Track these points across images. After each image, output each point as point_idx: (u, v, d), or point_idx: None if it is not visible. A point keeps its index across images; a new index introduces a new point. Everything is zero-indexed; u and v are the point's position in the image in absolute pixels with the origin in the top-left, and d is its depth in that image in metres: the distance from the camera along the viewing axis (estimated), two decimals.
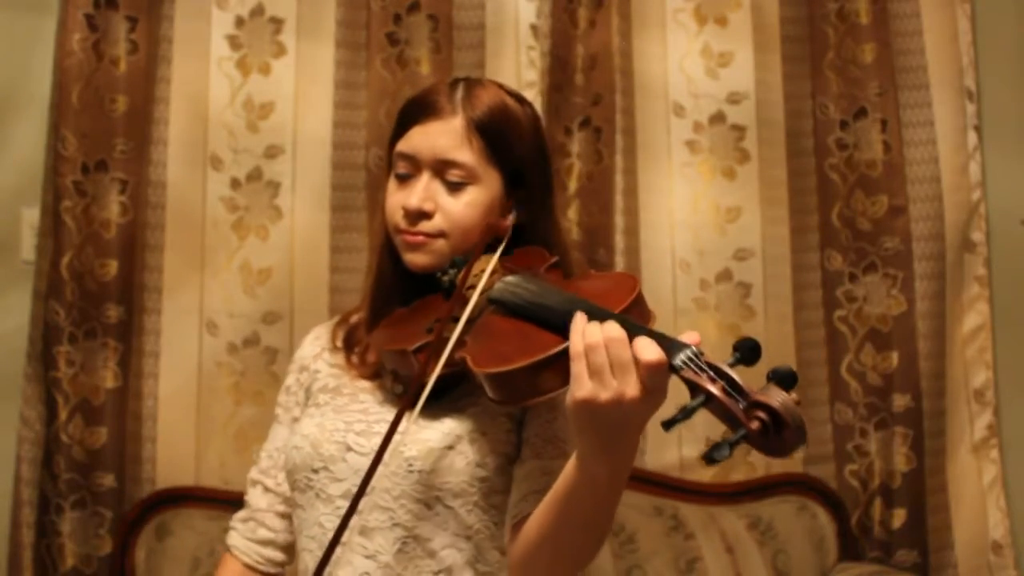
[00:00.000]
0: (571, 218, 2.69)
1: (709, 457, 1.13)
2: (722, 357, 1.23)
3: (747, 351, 1.20)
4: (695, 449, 2.72)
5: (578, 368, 1.23)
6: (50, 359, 2.48)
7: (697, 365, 1.20)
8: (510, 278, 1.48)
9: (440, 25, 2.71)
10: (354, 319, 1.72)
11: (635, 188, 2.76)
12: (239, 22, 2.64)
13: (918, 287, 2.78)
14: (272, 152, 2.63)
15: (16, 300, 2.56)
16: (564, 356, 1.26)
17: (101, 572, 2.48)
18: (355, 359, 1.66)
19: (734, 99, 2.79)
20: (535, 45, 2.70)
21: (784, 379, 1.16)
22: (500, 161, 1.58)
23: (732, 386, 1.18)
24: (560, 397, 1.50)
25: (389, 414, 1.52)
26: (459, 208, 1.56)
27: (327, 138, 2.65)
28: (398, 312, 1.62)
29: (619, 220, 2.73)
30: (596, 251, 2.70)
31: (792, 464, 2.77)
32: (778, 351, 2.76)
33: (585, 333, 1.24)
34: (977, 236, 2.81)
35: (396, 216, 1.58)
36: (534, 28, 2.70)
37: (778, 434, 1.14)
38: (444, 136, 1.56)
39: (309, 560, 1.56)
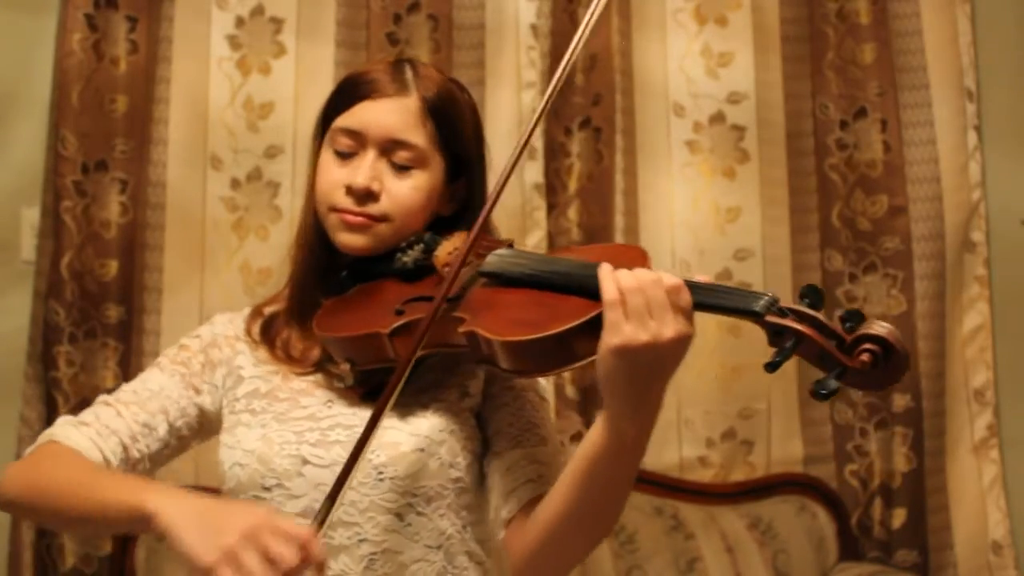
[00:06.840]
0: (571, 218, 2.69)
1: (818, 392, 1.16)
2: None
3: (814, 295, 1.22)
4: (695, 449, 2.72)
5: (614, 315, 1.21)
6: (50, 359, 2.48)
7: (780, 310, 1.21)
8: (503, 251, 1.41)
9: (440, 25, 2.71)
10: (268, 311, 1.57)
11: (635, 188, 2.76)
12: (239, 22, 2.64)
13: (918, 287, 2.78)
14: (272, 152, 2.63)
15: (16, 300, 2.56)
16: (600, 318, 1.24)
17: (101, 572, 2.48)
18: (280, 353, 1.52)
19: (734, 99, 2.79)
20: (535, 45, 2.70)
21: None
22: (447, 147, 1.50)
23: (818, 326, 1.20)
24: (523, 383, 1.48)
25: (341, 416, 1.43)
26: (405, 192, 1.47)
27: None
28: (330, 302, 1.49)
29: (619, 220, 2.73)
30: None
31: (792, 464, 2.77)
32: None
33: (619, 278, 1.23)
34: (977, 236, 2.80)
35: (336, 194, 1.47)
36: (534, 28, 2.70)
37: (886, 364, 1.17)
38: (397, 115, 1.46)
39: None
